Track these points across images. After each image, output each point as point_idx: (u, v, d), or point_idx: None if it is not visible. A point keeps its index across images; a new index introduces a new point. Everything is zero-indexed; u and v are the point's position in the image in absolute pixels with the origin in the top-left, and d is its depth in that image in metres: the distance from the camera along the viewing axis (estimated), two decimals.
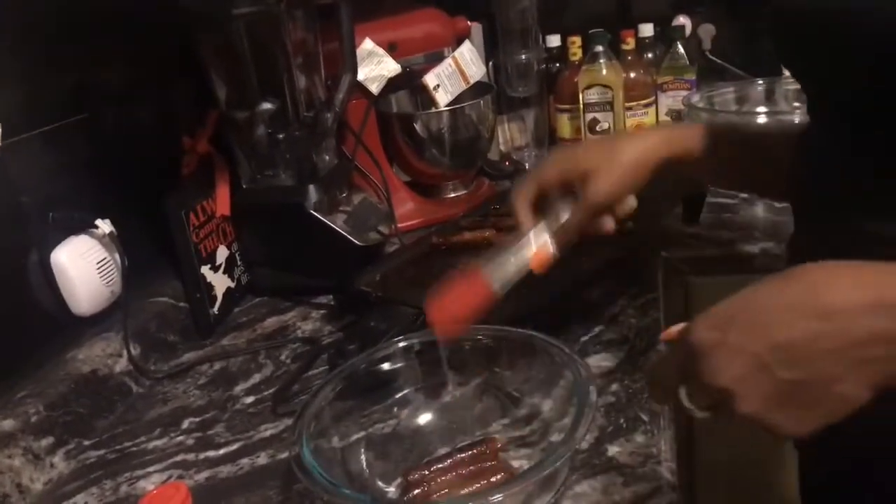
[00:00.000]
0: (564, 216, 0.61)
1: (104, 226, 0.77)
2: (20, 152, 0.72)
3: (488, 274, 0.56)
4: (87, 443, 0.72)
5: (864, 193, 0.48)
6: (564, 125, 1.29)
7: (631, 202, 0.64)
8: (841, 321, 0.37)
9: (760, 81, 1.19)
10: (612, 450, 0.59)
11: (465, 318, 0.56)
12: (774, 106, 1.16)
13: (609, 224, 0.63)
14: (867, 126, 0.47)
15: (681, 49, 1.25)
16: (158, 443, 0.71)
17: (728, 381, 0.39)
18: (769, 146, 0.65)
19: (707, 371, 0.40)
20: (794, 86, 1.16)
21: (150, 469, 0.67)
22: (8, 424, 0.66)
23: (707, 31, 1.37)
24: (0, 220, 0.70)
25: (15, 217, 0.72)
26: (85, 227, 0.77)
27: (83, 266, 0.75)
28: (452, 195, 1.19)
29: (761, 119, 1.09)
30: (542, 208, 0.63)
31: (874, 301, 0.37)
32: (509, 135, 1.34)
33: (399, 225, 1.04)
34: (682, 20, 1.35)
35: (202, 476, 0.65)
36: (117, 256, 0.78)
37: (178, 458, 0.68)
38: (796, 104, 1.12)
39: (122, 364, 0.78)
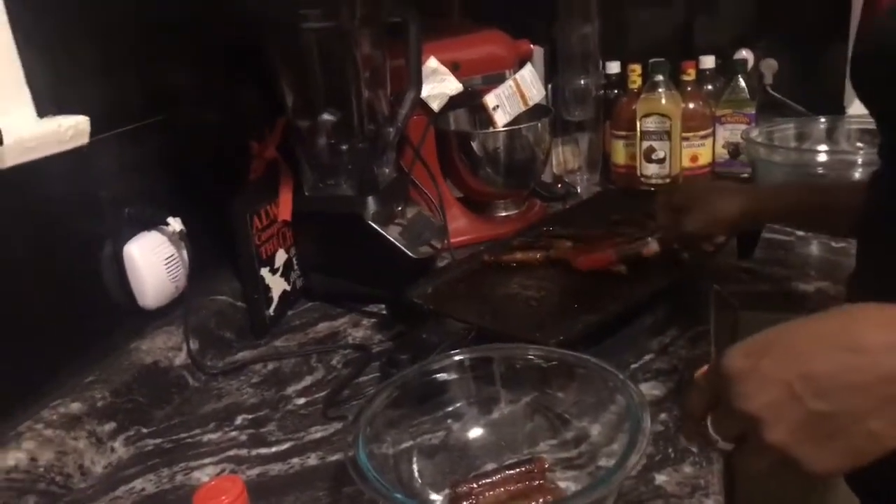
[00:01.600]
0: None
1: (175, 223, 0.80)
2: (102, 150, 0.76)
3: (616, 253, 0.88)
4: (145, 430, 0.74)
5: None
6: (619, 151, 1.29)
7: (719, 239, 0.85)
8: (871, 356, 0.38)
9: (822, 119, 1.18)
10: (660, 479, 0.59)
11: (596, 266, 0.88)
12: (836, 145, 1.15)
13: (708, 247, 0.86)
14: None
15: (742, 82, 1.24)
16: (213, 436, 0.73)
17: (757, 408, 0.39)
18: (842, 200, 0.70)
19: (737, 396, 0.40)
20: (856, 125, 1.15)
21: (205, 461, 0.69)
22: (76, 407, 0.69)
23: (769, 66, 1.36)
24: (80, 213, 0.74)
25: (94, 210, 0.76)
26: (157, 223, 0.80)
27: (152, 260, 0.78)
28: (504, 214, 1.21)
29: (822, 157, 1.08)
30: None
31: None
32: (562, 157, 1.35)
33: (451, 240, 1.06)
34: (745, 54, 1.35)
35: (254, 472, 0.67)
36: (184, 253, 0.81)
37: (231, 452, 0.70)
38: (859, 144, 1.11)
39: (181, 357, 0.81)
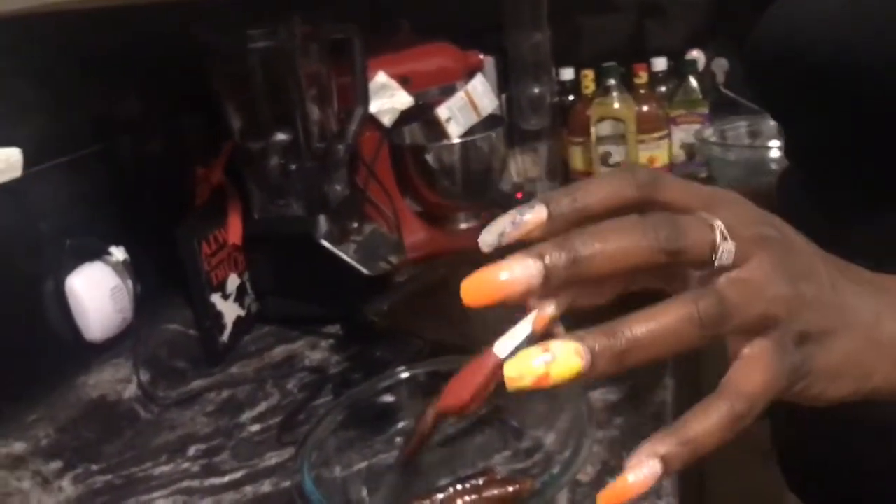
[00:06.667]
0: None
1: (118, 253, 0.79)
2: (40, 181, 0.74)
3: (497, 349, 0.57)
4: (94, 468, 0.72)
5: (841, 238, 0.48)
6: (577, 157, 1.29)
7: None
8: None
9: None
10: None
11: (480, 395, 0.57)
12: None
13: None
14: (842, 171, 0.47)
15: (693, 83, 1.25)
16: (164, 469, 0.71)
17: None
18: None
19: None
20: None
21: (155, 495, 0.68)
22: (19, 447, 0.67)
23: (720, 65, 1.37)
24: (19, 247, 0.73)
25: (33, 244, 0.74)
26: (99, 254, 0.78)
27: (96, 292, 0.77)
28: (464, 226, 1.20)
29: (774, 153, 1.09)
30: None
31: None
32: (522, 166, 1.35)
33: (411, 255, 1.05)
34: (696, 54, 1.36)
35: (206, 502, 0.66)
36: (130, 283, 0.80)
37: (183, 484, 0.69)
38: None
39: (131, 390, 0.80)
